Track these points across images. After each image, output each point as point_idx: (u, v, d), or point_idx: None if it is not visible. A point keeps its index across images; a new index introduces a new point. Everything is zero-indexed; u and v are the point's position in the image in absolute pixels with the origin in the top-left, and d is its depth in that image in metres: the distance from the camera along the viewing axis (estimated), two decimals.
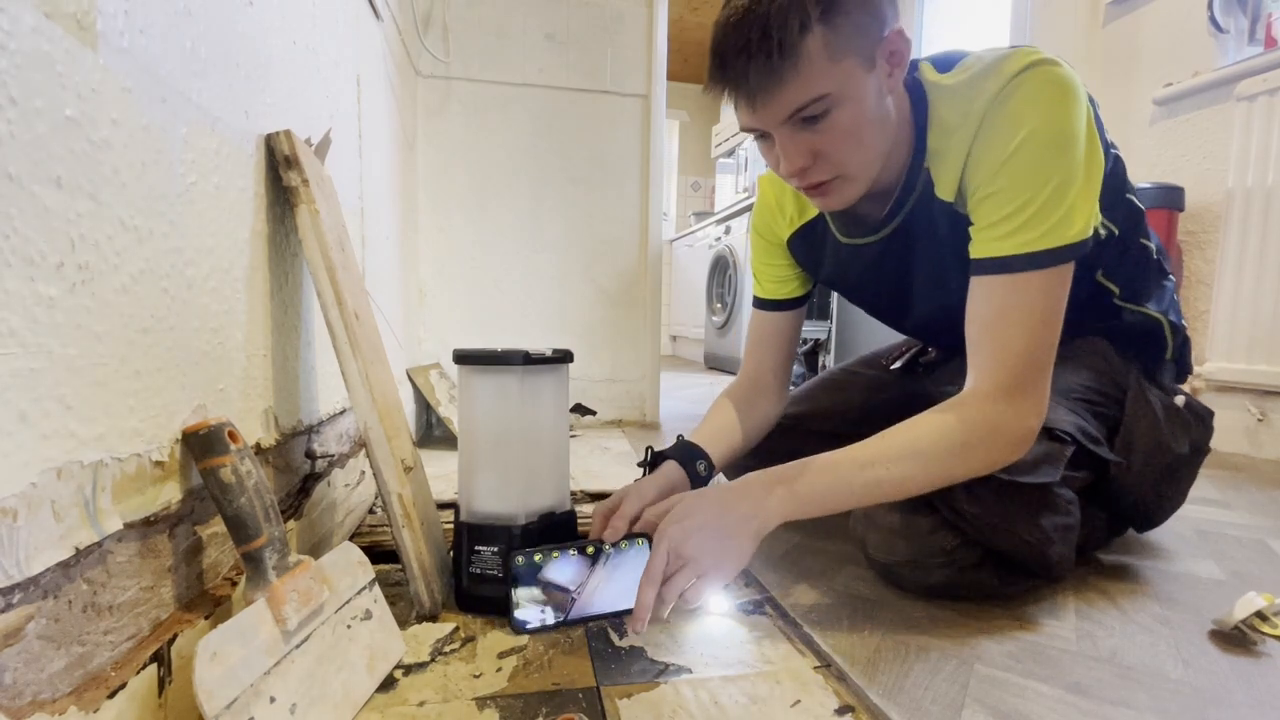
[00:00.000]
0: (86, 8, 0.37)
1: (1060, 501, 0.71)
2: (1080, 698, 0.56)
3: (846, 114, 0.65)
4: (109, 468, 0.40)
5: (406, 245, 1.56)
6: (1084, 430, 0.76)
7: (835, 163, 0.68)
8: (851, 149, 0.68)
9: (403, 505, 0.68)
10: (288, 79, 0.70)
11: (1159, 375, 0.87)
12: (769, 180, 0.94)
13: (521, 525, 0.71)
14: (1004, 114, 0.65)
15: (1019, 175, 0.65)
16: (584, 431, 1.77)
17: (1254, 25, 1.71)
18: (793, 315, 0.99)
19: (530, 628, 0.66)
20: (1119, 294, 0.84)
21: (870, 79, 0.65)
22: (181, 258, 0.49)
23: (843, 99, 0.64)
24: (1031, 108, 0.64)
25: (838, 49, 0.62)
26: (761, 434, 0.95)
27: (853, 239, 0.84)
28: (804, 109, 0.64)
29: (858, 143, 0.67)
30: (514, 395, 0.71)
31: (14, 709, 0.32)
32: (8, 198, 0.32)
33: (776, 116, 0.65)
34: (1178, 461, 0.81)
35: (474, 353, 0.72)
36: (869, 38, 0.64)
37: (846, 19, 0.62)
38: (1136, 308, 0.85)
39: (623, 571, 0.71)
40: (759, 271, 1.00)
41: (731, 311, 3.52)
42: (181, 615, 0.48)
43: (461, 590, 0.72)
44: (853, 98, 0.65)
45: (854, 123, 0.66)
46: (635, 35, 1.83)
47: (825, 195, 0.72)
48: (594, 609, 0.69)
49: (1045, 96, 0.64)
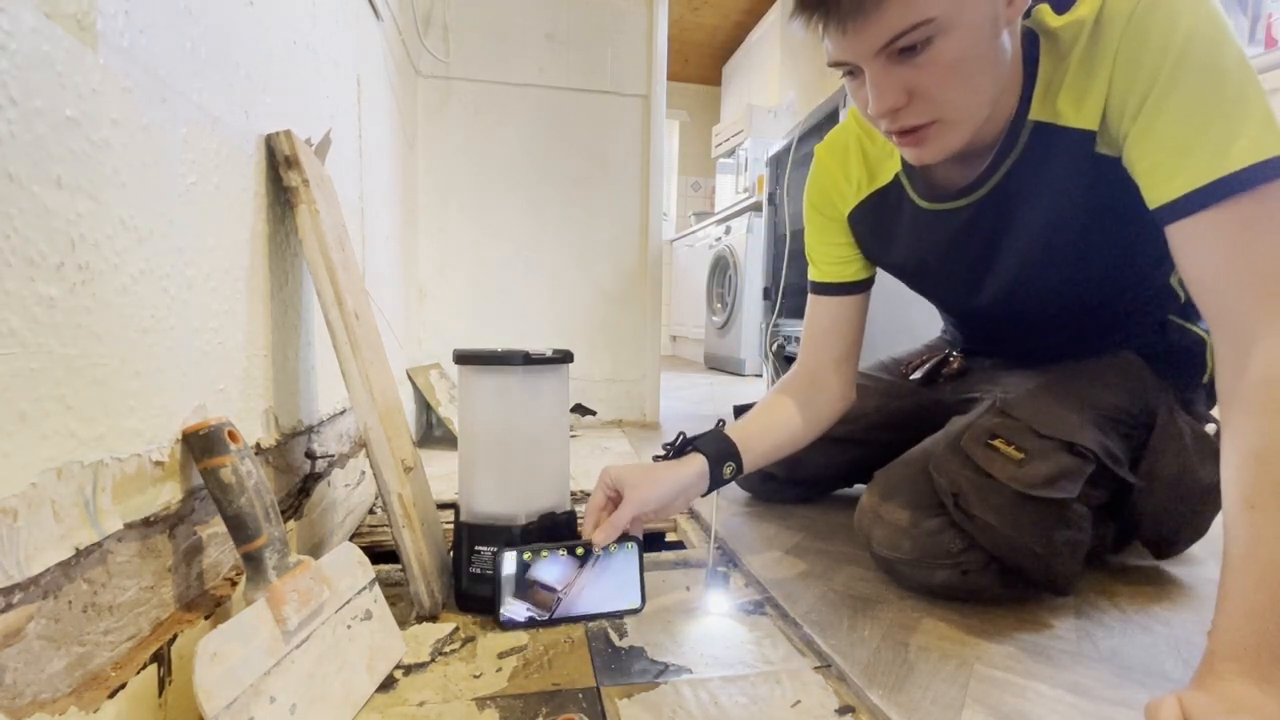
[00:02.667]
0: (86, 8, 0.37)
1: (1073, 517, 0.69)
2: (1080, 698, 0.56)
3: (953, 45, 0.55)
4: (109, 468, 0.40)
5: (406, 245, 1.56)
6: (1107, 449, 0.72)
7: (936, 103, 0.58)
8: (955, 88, 0.58)
9: (403, 505, 0.68)
10: (288, 79, 0.70)
11: (1193, 400, 0.82)
12: (828, 148, 0.86)
13: (521, 525, 0.71)
14: (1153, 22, 0.54)
15: (1186, 86, 0.52)
16: (584, 431, 1.77)
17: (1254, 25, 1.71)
18: (856, 300, 0.88)
19: (516, 623, 0.67)
20: (1179, 303, 0.78)
21: (985, 5, 0.56)
22: (182, 258, 0.49)
23: (950, 27, 0.54)
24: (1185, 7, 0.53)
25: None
26: (819, 434, 0.87)
27: (938, 204, 0.74)
28: (903, 35, 0.55)
29: (963, 81, 0.58)
30: (514, 395, 0.71)
31: (14, 709, 0.32)
32: (8, 198, 0.32)
33: (871, 45, 0.56)
34: (1203, 490, 0.76)
35: (475, 353, 0.72)
36: None
37: None
38: (1187, 325, 0.80)
39: (610, 574, 0.71)
40: (815, 252, 0.90)
41: (731, 311, 3.52)
42: (181, 615, 0.48)
43: (461, 591, 0.72)
44: (962, 26, 0.55)
45: (960, 56, 0.56)
46: (635, 35, 1.83)
47: (920, 144, 0.62)
48: (580, 609, 0.70)
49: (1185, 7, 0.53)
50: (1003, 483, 0.67)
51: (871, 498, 0.76)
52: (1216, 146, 0.51)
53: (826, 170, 0.86)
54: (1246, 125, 0.51)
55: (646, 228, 1.89)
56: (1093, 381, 0.79)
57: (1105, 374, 0.80)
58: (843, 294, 0.88)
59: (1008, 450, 0.69)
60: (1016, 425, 0.72)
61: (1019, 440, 0.70)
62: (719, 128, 4.31)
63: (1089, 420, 0.74)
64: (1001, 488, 0.67)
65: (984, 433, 0.72)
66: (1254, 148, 0.50)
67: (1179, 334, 0.81)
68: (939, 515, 0.71)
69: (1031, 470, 0.67)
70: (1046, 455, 0.69)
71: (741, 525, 0.99)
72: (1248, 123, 0.51)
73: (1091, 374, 0.81)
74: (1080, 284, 0.76)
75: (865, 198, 0.82)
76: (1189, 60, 0.52)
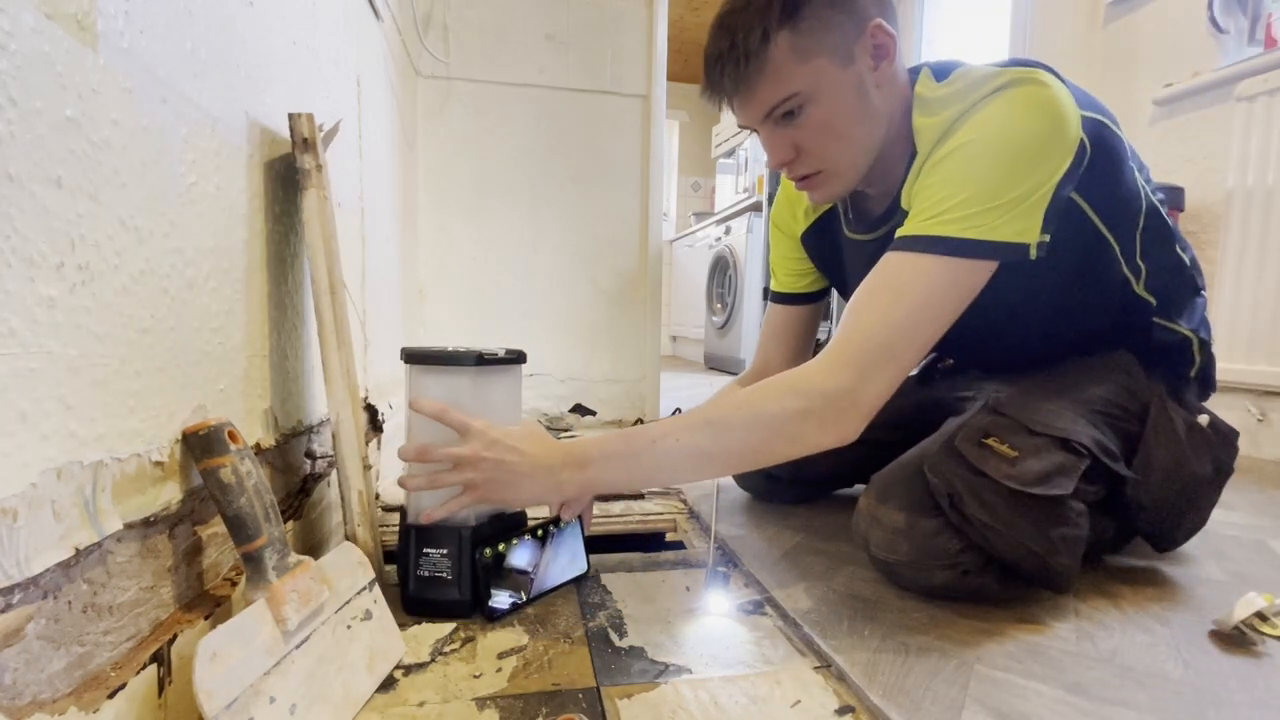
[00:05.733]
0: (87, 8, 0.37)
1: (1070, 514, 0.69)
2: (1080, 698, 0.56)
3: (821, 110, 0.68)
4: (109, 468, 0.40)
5: (406, 245, 1.56)
6: (1101, 444, 0.73)
7: (817, 157, 0.71)
8: (831, 143, 0.70)
9: (362, 502, 0.69)
10: (288, 79, 0.70)
11: (1183, 393, 0.84)
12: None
13: (472, 527, 0.71)
14: (965, 122, 0.65)
15: (950, 173, 0.64)
16: (584, 432, 1.77)
17: (1254, 25, 1.71)
18: (808, 310, 0.98)
19: (502, 612, 0.70)
20: (1155, 307, 0.82)
21: (847, 74, 0.67)
22: (182, 258, 0.49)
23: (815, 96, 0.67)
24: (991, 118, 0.63)
25: (805, 50, 0.66)
26: None
27: (858, 234, 0.84)
28: (778, 106, 0.68)
29: (837, 137, 0.69)
30: (466, 396, 0.70)
31: (14, 709, 0.32)
32: (8, 198, 0.32)
33: (756, 114, 0.70)
34: (1199, 481, 0.78)
35: (425, 352, 0.71)
36: (843, 34, 0.66)
37: (815, 20, 0.65)
38: (1169, 324, 0.82)
39: (564, 548, 0.80)
40: (775, 264, 1.00)
41: (731, 312, 3.52)
42: (181, 615, 0.48)
43: (408, 595, 0.70)
44: (827, 94, 0.67)
45: (829, 118, 0.68)
46: (635, 35, 1.83)
47: (813, 188, 0.74)
48: (548, 584, 0.76)
49: (1011, 110, 0.63)
50: (998, 481, 0.67)
51: (868, 500, 0.76)
52: (916, 217, 0.64)
53: (786, 191, 0.95)
54: (954, 212, 0.62)
55: (646, 228, 1.88)
56: (1084, 377, 0.80)
57: (1096, 370, 0.82)
58: (798, 303, 0.99)
59: (1001, 449, 0.70)
60: (1009, 423, 0.73)
61: (1012, 438, 0.70)
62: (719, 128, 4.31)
63: (1082, 415, 0.75)
64: (997, 486, 0.67)
65: (977, 432, 0.72)
66: (944, 225, 0.62)
67: (1164, 334, 0.83)
68: (936, 516, 0.71)
69: (1026, 468, 0.68)
70: (1040, 452, 0.69)
71: (742, 526, 0.99)
72: (959, 210, 0.62)
73: (1082, 370, 0.82)
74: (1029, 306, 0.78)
75: (812, 223, 0.92)
76: (953, 161, 0.64)
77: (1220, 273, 1.68)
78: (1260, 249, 1.60)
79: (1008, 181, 0.62)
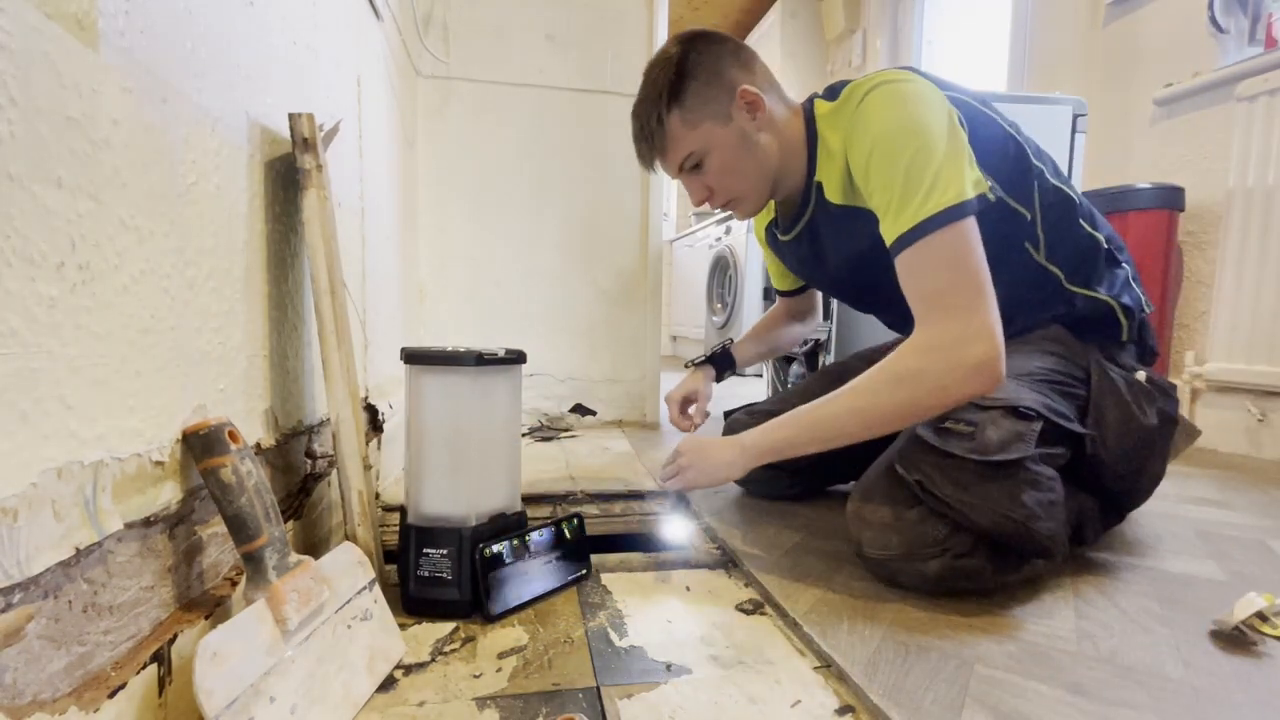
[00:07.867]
0: (87, 8, 0.37)
1: (1041, 478, 0.72)
2: (1080, 698, 0.56)
3: (716, 159, 0.88)
4: (109, 468, 0.40)
5: (406, 245, 1.56)
6: (1050, 407, 0.78)
7: (725, 190, 0.91)
8: (731, 180, 0.90)
9: (362, 502, 0.69)
10: (288, 79, 0.70)
11: (1118, 355, 0.91)
12: None
13: (472, 527, 0.71)
14: (859, 128, 0.79)
15: (879, 170, 0.76)
16: (584, 432, 1.77)
17: (1254, 25, 1.71)
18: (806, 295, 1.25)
19: (500, 612, 0.70)
20: (1065, 278, 0.90)
21: (729, 130, 0.86)
22: (182, 258, 0.49)
23: (709, 150, 0.87)
24: (875, 116, 0.77)
25: (692, 120, 0.85)
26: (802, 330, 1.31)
27: (785, 236, 1.03)
28: (684, 163, 0.89)
29: (734, 174, 0.89)
30: (466, 396, 0.70)
31: (14, 709, 0.32)
32: (8, 198, 0.32)
33: (672, 171, 0.92)
34: (1149, 433, 0.84)
35: (425, 352, 0.72)
36: (719, 103, 0.85)
37: (695, 97, 0.85)
38: (1086, 291, 0.90)
39: (564, 548, 0.80)
40: (767, 266, 1.24)
41: (731, 312, 3.52)
42: (181, 615, 0.48)
43: (409, 595, 0.71)
44: (717, 147, 0.87)
45: (724, 163, 0.88)
46: (635, 35, 1.83)
47: (733, 210, 0.94)
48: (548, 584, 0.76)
49: (884, 105, 0.77)
50: (962, 458, 0.71)
51: (854, 503, 0.79)
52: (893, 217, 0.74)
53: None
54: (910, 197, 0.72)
55: (646, 228, 1.88)
56: (1021, 352, 0.87)
57: (1031, 345, 0.89)
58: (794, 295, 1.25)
59: (958, 428, 0.74)
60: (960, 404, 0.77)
61: (965, 415, 0.74)
62: None
63: (1025, 385, 0.80)
64: (962, 463, 0.71)
65: (935, 418, 0.76)
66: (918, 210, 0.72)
67: (1085, 302, 0.90)
68: (917, 505, 0.74)
69: (985, 439, 0.72)
70: (994, 423, 0.73)
71: (741, 525, 0.99)
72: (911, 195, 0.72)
73: (1018, 348, 0.88)
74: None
75: (766, 230, 1.12)
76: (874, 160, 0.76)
77: (1220, 273, 1.68)
78: (1260, 249, 1.60)
79: (920, 151, 0.72)
